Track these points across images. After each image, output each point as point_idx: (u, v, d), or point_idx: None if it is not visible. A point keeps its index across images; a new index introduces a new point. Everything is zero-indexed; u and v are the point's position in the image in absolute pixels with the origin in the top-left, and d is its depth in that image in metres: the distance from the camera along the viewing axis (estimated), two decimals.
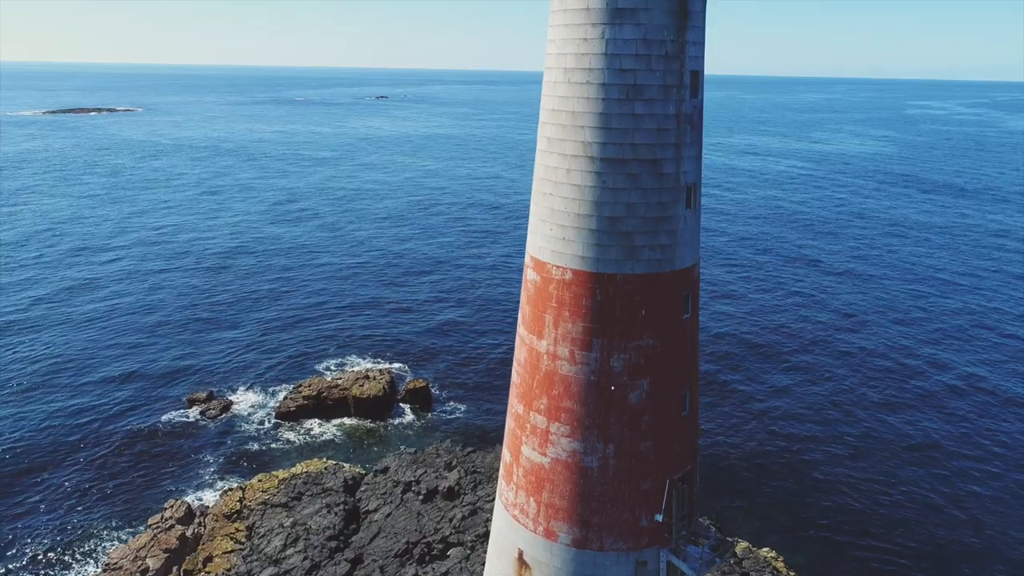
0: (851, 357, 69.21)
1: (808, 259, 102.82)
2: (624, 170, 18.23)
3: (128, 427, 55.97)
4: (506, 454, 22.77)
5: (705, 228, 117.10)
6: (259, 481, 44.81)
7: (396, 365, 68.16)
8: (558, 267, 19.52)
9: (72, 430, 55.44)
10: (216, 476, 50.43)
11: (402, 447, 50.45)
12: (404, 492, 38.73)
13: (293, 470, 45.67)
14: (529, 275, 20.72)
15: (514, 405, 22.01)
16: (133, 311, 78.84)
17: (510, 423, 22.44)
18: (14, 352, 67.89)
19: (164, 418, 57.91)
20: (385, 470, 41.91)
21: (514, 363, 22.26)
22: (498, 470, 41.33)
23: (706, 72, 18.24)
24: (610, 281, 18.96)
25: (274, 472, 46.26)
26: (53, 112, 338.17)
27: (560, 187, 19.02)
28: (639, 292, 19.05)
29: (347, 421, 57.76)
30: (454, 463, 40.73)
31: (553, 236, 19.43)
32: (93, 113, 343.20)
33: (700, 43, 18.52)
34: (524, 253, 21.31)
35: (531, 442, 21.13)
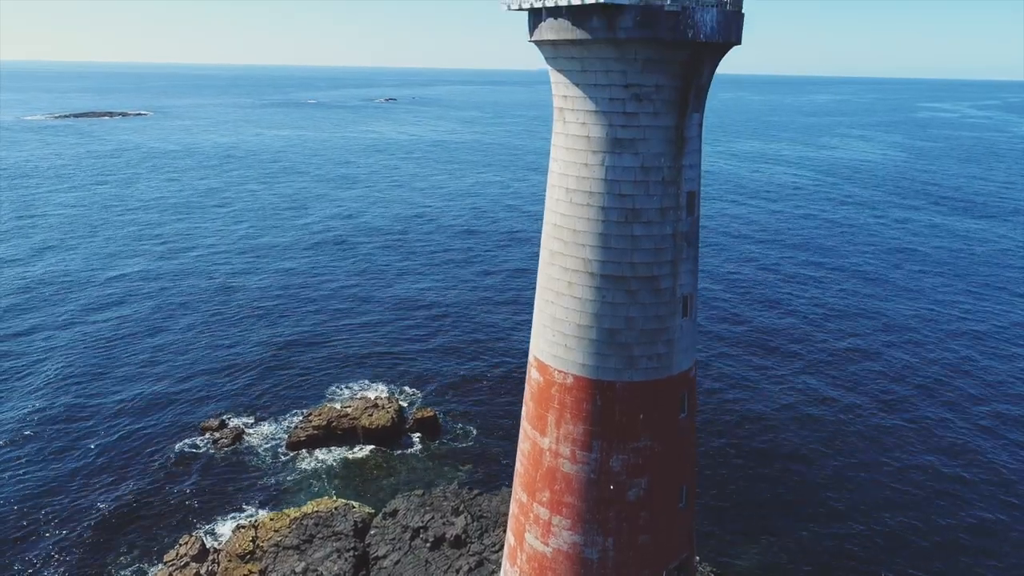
0: (858, 382, 69.71)
1: (812, 276, 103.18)
2: (623, 287, 19.15)
3: (141, 455, 57.14)
4: (510, 537, 23.75)
5: (707, 238, 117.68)
6: (271, 520, 46.00)
7: (406, 389, 69.34)
8: (560, 371, 20.47)
9: (82, 454, 56.63)
10: (228, 509, 51.51)
11: (410, 487, 51.45)
12: (412, 538, 39.84)
13: (304, 509, 46.84)
14: (533, 374, 21.67)
15: (518, 492, 22.99)
16: (143, 331, 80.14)
17: (514, 508, 23.43)
18: (18, 371, 69.09)
19: (177, 447, 59.09)
20: (394, 513, 43.03)
21: (518, 452, 23.24)
22: (504, 514, 42.36)
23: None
24: (610, 388, 19.90)
25: (285, 510, 47.42)
26: (64, 117, 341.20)
27: (562, 297, 19.96)
28: (637, 398, 19.98)
29: (356, 452, 58.84)
30: (461, 508, 41.80)
31: (555, 342, 20.38)
32: (105, 117, 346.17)
33: (696, 165, 19.39)
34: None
35: (534, 531, 22.10)
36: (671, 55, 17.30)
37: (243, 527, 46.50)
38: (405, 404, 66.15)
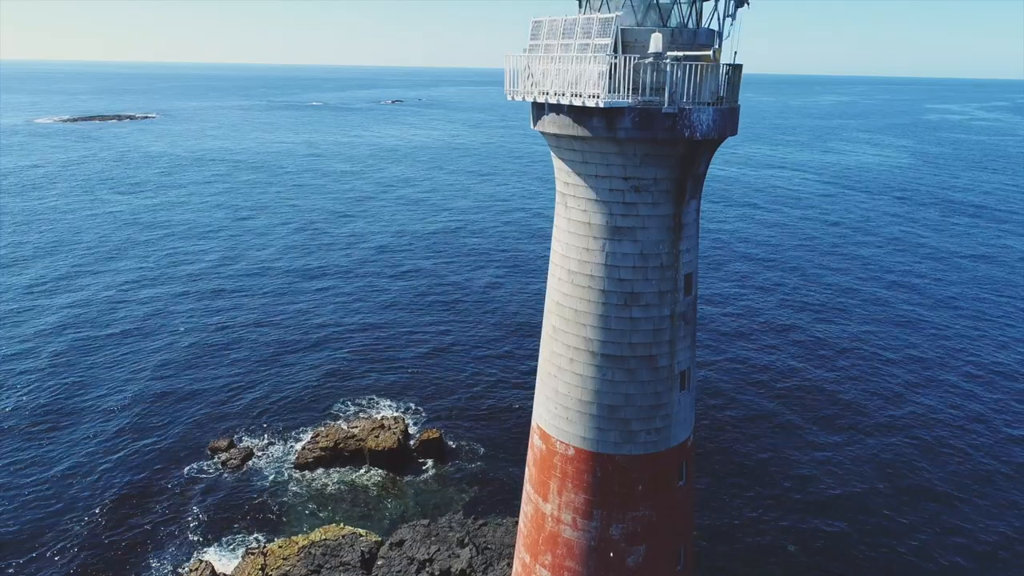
0: (863, 397, 69.95)
1: (817, 288, 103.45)
2: (623, 365, 19.87)
3: (149, 476, 57.86)
4: None
5: (710, 237, 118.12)
6: (279, 547, 46.91)
7: (411, 406, 70.22)
8: (561, 442, 21.21)
9: (88, 469, 57.39)
10: (237, 533, 52.37)
11: (416, 513, 52.26)
12: (418, 571, 40.70)
13: (312, 536, 47.72)
14: (535, 441, 22.43)
15: (521, 552, 23.76)
16: (147, 347, 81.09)
17: (517, 566, 24.20)
18: (20, 387, 70.01)
19: (186, 468, 59.93)
20: (400, 543, 43.90)
21: (521, 513, 24.02)
22: (507, 545, 43.14)
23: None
24: (609, 460, 20.63)
25: (294, 538, 48.31)
26: (73, 120, 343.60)
27: (563, 372, 20.69)
28: (636, 470, 20.71)
29: (363, 474, 59.72)
30: (466, 540, 42.64)
31: (558, 414, 21.12)
32: (113, 121, 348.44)
33: (693, 249, 20.09)
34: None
35: None
36: (669, 151, 18.00)
37: (252, 553, 47.40)
38: (411, 423, 67.00)
